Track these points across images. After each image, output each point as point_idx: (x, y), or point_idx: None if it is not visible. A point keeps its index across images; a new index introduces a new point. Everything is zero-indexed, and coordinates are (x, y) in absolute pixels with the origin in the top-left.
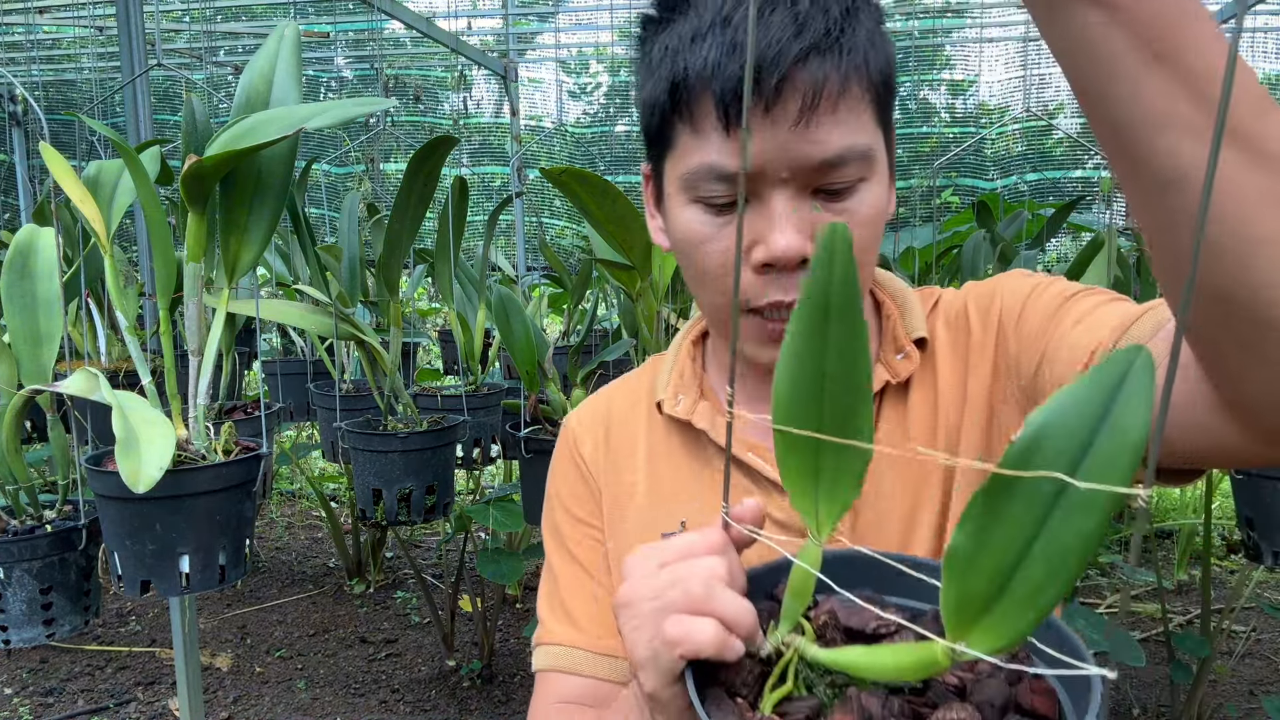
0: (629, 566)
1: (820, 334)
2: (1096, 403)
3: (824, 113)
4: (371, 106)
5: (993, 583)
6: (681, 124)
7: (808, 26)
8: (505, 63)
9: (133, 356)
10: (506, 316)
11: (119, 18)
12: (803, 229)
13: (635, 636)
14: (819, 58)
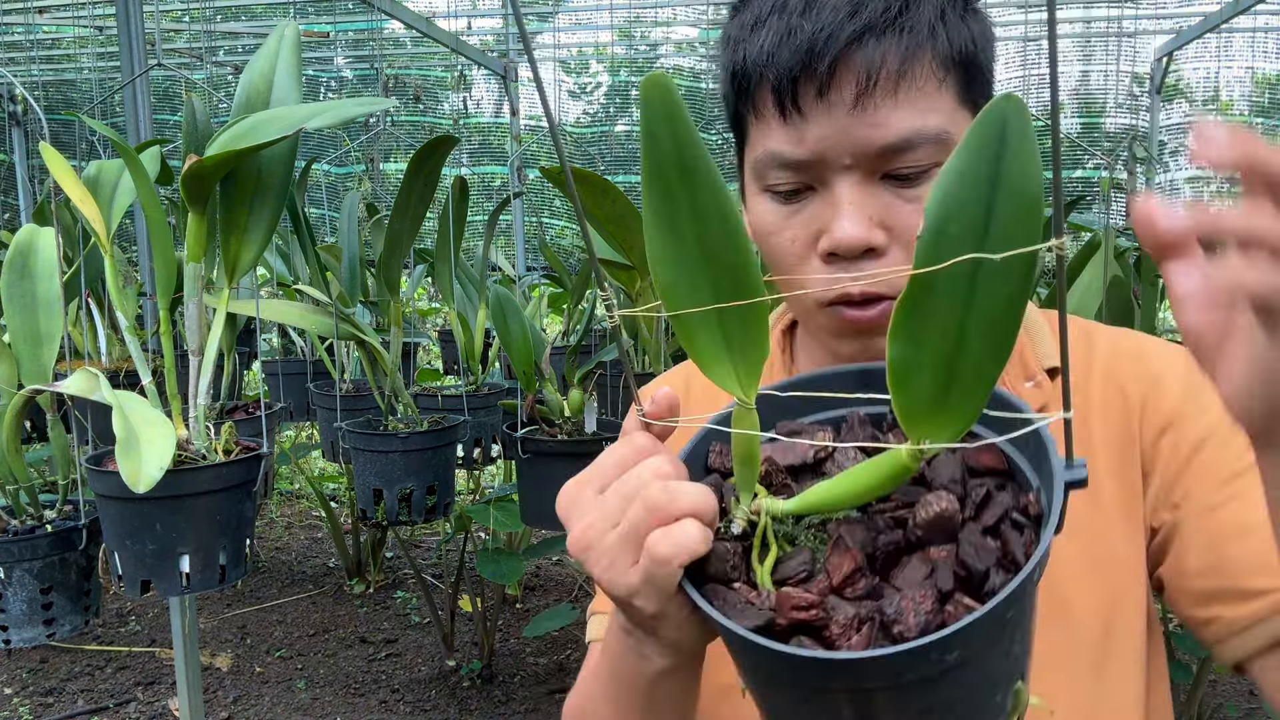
0: (566, 506)
1: (676, 200)
2: (983, 172)
3: (883, 95)
4: (371, 106)
5: (938, 376)
6: (746, 113)
7: (864, 7)
8: (505, 63)
9: (133, 356)
10: (504, 316)
11: (119, 17)
12: (867, 218)
13: (615, 570)
14: (875, 39)
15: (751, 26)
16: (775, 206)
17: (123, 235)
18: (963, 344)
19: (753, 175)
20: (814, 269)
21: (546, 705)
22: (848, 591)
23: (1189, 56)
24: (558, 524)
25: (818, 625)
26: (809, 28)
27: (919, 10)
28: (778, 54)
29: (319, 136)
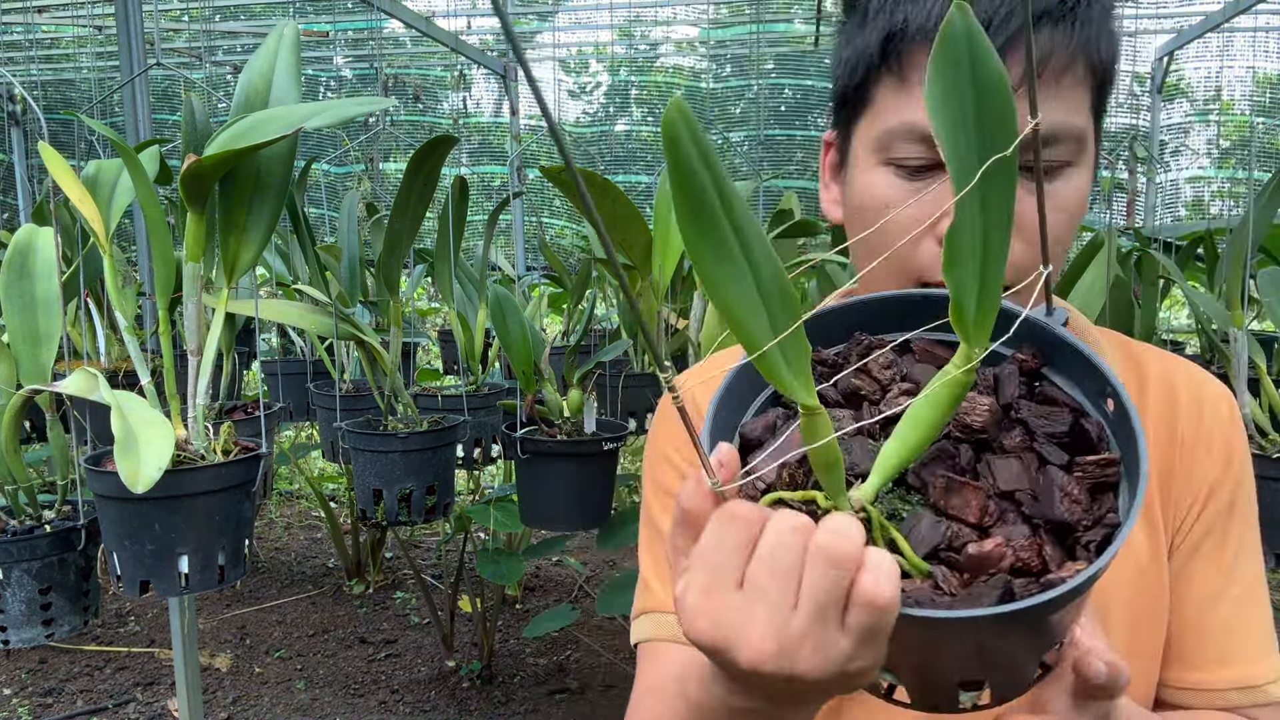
0: (722, 627)
1: (723, 231)
2: (965, 82)
3: (1045, 84)
4: (371, 106)
5: (976, 280)
6: (889, 78)
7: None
8: (505, 62)
9: (132, 356)
10: (503, 316)
11: (118, 17)
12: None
13: (823, 650)
14: (1050, 26)
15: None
16: (897, 181)
17: (122, 235)
18: (986, 246)
19: (875, 146)
20: (925, 250)
21: (546, 706)
22: (994, 523)
23: (1190, 56)
24: (556, 525)
25: (1031, 567)
26: (986, 1)
27: (1091, 11)
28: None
29: (318, 136)
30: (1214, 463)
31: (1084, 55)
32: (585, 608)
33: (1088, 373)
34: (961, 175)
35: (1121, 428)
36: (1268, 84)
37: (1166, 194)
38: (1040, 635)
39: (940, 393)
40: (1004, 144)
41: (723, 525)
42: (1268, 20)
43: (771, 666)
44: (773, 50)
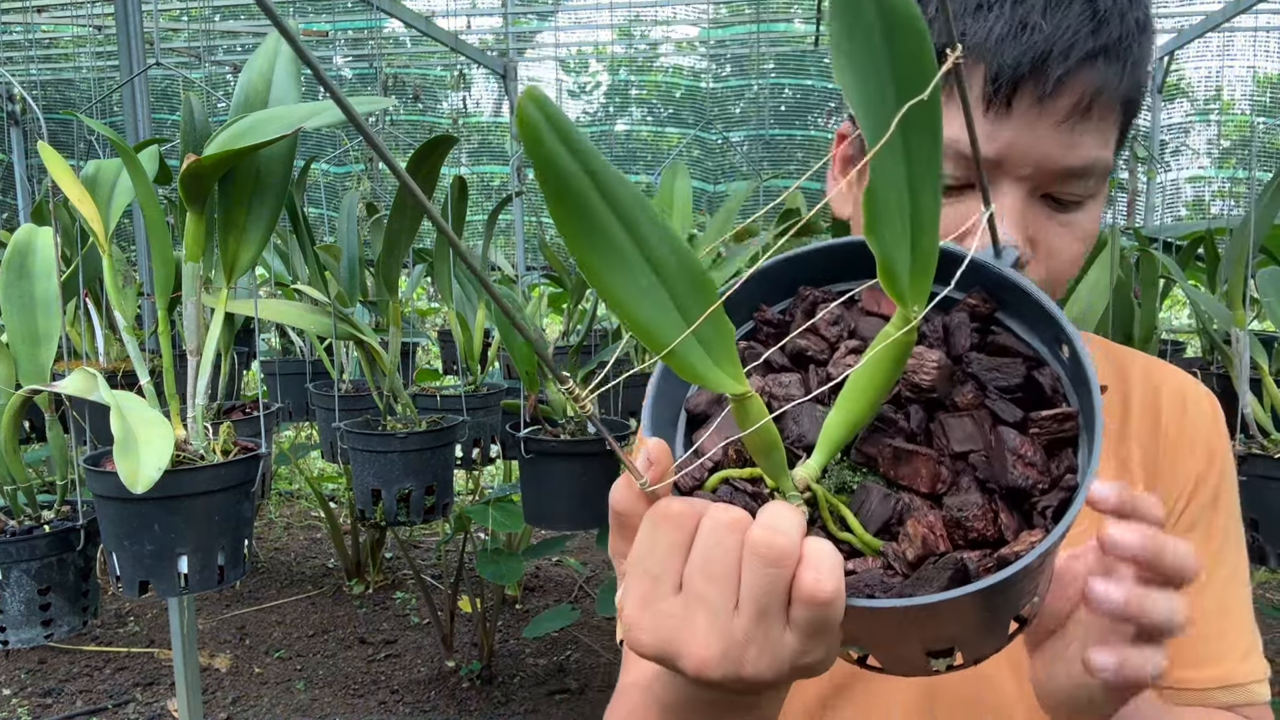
0: (661, 633)
1: (606, 224)
2: (873, 28)
3: (1092, 119)
4: (371, 105)
5: (905, 231)
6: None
7: (1105, 25)
8: (505, 62)
9: (131, 356)
10: None
11: (117, 17)
12: (1024, 231)
13: (769, 650)
14: (1106, 62)
15: (977, 8)
16: None
17: (121, 235)
18: (915, 199)
19: None
20: None
21: (546, 706)
22: (947, 490)
23: (1190, 55)
24: (559, 524)
25: (988, 538)
26: (1048, 29)
27: (1143, 47)
28: (1006, 44)
29: (318, 136)
30: (1197, 458)
31: (1125, 93)
32: (585, 608)
33: (1041, 318)
34: (876, 124)
35: (1078, 377)
36: (1268, 84)
37: (1167, 194)
38: (1004, 605)
39: (880, 356)
40: (920, 86)
41: (655, 527)
42: (1268, 20)
43: (718, 673)
44: (773, 50)
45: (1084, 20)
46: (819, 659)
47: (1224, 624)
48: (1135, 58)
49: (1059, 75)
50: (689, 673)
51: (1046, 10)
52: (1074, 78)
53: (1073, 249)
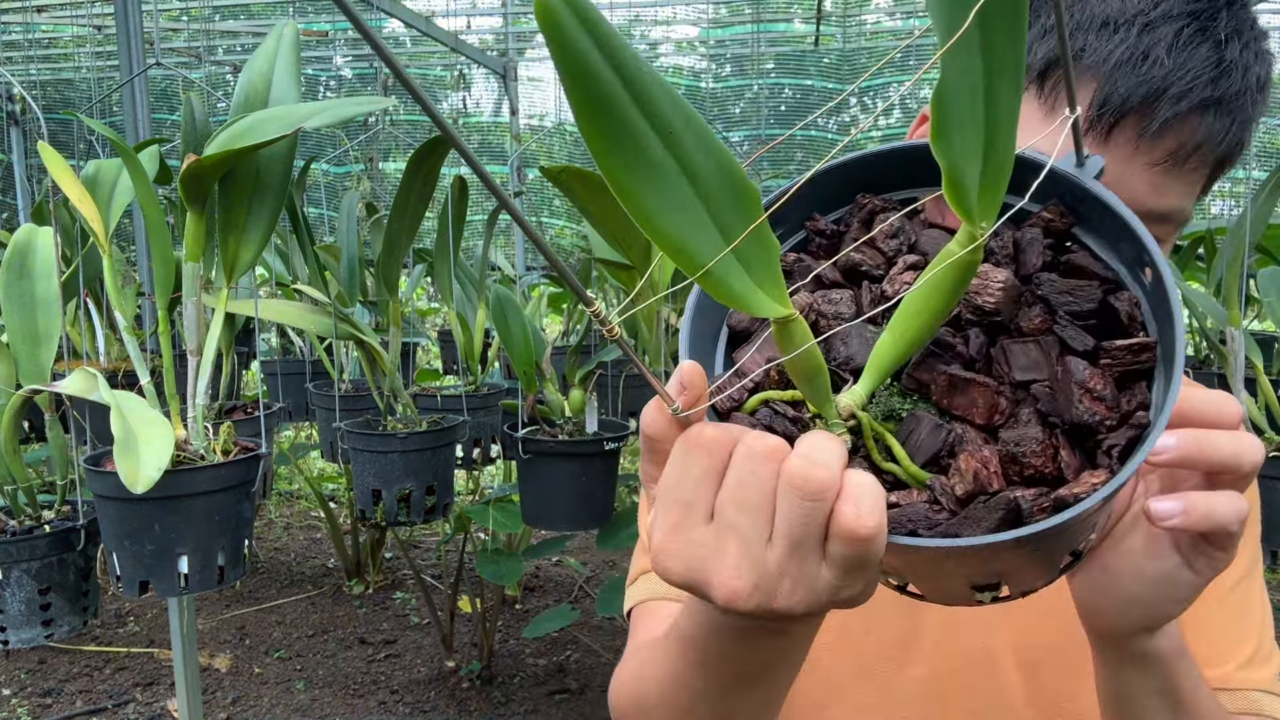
0: (691, 561)
1: (640, 130)
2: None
3: (1192, 167)
4: (370, 106)
5: (975, 153)
6: (1032, 101)
7: (1227, 77)
8: (505, 62)
9: (131, 356)
10: (504, 316)
11: (117, 16)
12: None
13: (804, 584)
14: (1216, 114)
15: (1102, 23)
16: None
17: (121, 235)
18: (991, 101)
19: None
20: None
21: (546, 706)
22: (1005, 422)
23: None
24: (557, 524)
25: (1046, 476)
26: (1169, 66)
27: (1257, 106)
28: (1123, 71)
29: (318, 136)
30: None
31: (1228, 150)
32: (585, 608)
33: (1123, 235)
34: (950, 11)
35: (1160, 305)
36: None
37: None
38: (1058, 546)
39: (941, 276)
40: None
41: (687, 454)
42: (1268, 20)
43: (749, 604)
44: (773, 50)
45: (1207, 66)
46: (856, 593)
47: (1240, 625)
48: (1246, 116)
49: (1167, 117)
50: (719, 602)
51: (1173, 47)
52: (1182, 123)
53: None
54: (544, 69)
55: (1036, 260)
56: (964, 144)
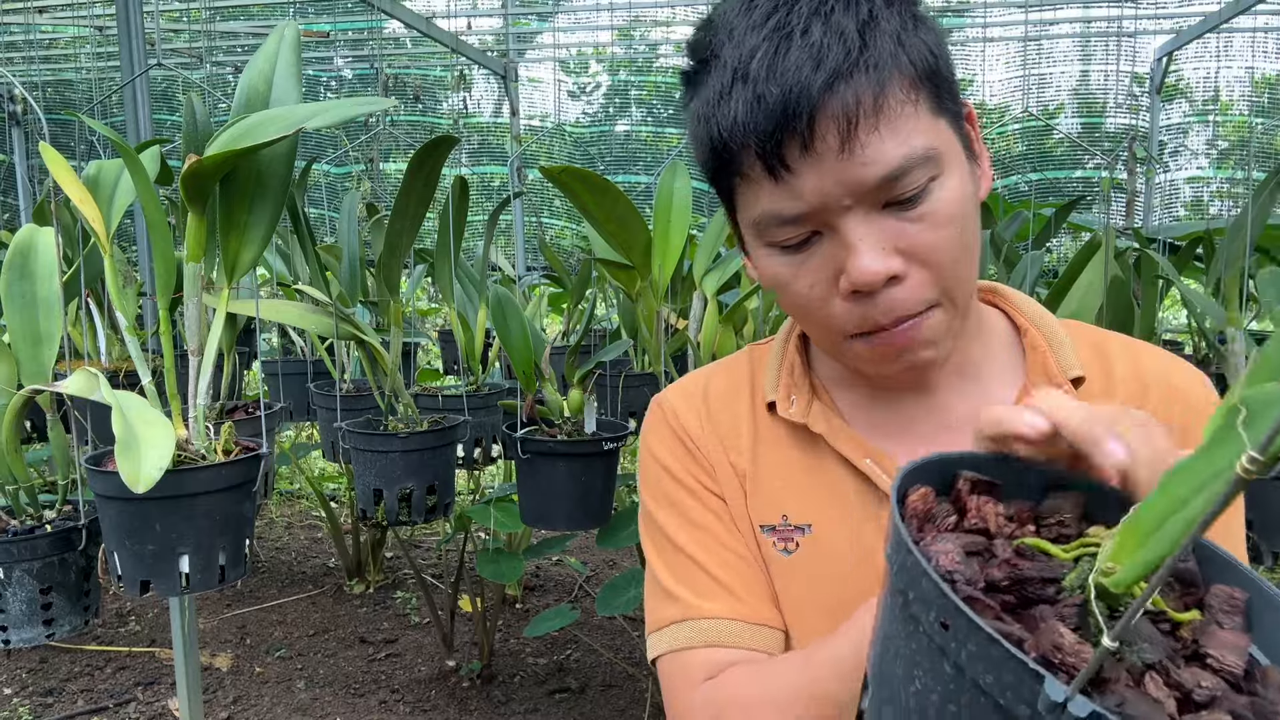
0: None
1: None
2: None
3: (865, 132)
4: (371, 106)
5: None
6: (733, 177)
7: (825, 56)
8: (505, 62)
9: (132, 356)
10: (504, 316)
11: (118, 17)
12: (881, 249)
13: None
14: (844, 82)
15: (718, 100)
16: (784, 259)
17: (122, 235)
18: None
19: (753, 233)
20: (837, 307)
21: (546, 705)
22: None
23: (1189, 56)
24: (556, 524)
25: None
26: (777, 90)
27: (877, 44)
28: (753, 120)
29: (318, 136)
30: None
31: (891, 88)
32: (585, 608)
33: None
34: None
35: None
36: (1266, 85)
37: (1165, 194)
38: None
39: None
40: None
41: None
42: (1266, 20)
43: None
44: None
45: (804, 65)
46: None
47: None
48: (875, 60)
49: (807, 121)
50: None
51: (769, 75)
52: (822, 114)
53: (941, 238)
54: (544, 70)
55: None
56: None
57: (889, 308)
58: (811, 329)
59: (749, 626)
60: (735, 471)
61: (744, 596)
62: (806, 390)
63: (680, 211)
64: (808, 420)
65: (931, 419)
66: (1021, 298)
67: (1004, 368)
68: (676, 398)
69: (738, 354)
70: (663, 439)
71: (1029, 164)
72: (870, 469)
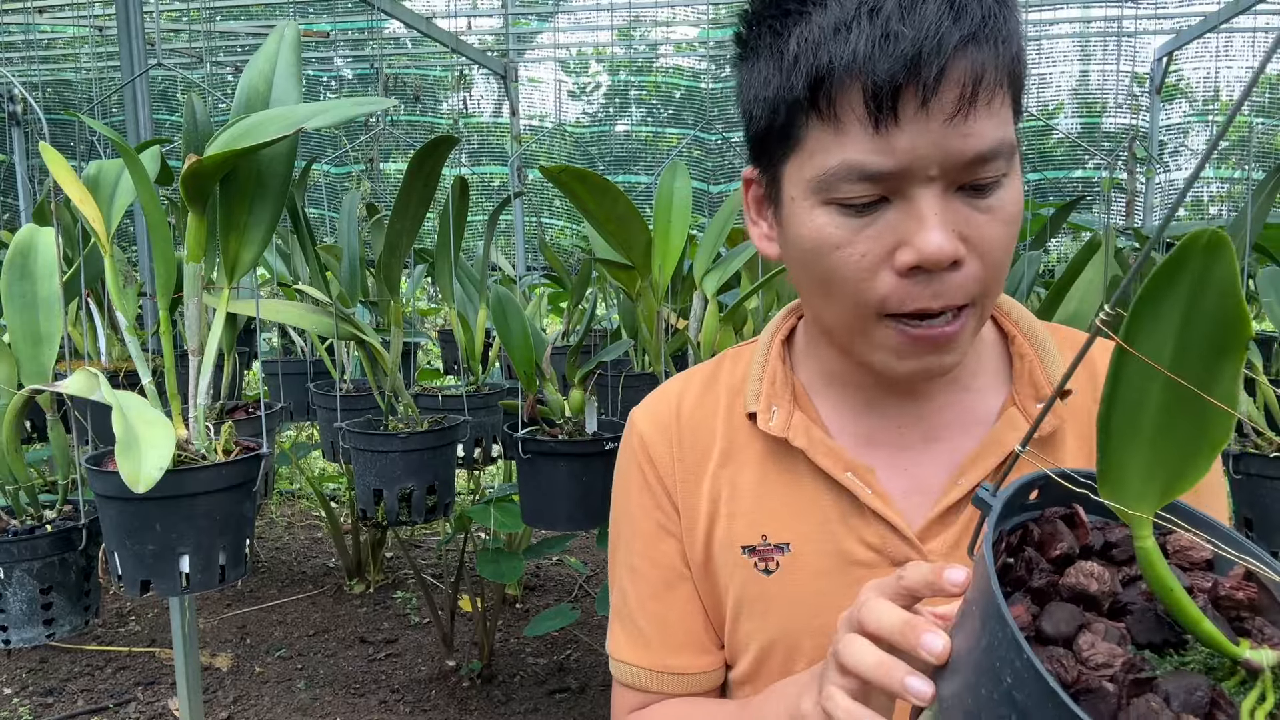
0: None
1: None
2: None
3: (980, 105)
4: (371, 106)
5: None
6: (819, 121)
7: (965, 13)
8: (505, 62)
9: (133, 356)
10: (504, 316)
11: (118, 17)
12: (953, 229)
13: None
14: (976, 47)
15: (835, 30)
16: (844, 220)
17: (122, 235)
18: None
19: (814, 188)
20: (885, 281)
21: (546, 705)
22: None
23: (1189, 56)
24: (556, 524)
25: None
26: (910, 33)
27: (1008, 21)
28: (875, 60)
29: (318, 136)
30: None
31: (1006, 70)
32: (585, 607)
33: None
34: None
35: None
36: (1267, 85)
37: (1165, 194)
38: None
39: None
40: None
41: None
42: (1267, 20)
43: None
44: None
45: (943, 15)
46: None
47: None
48: (1004, 34)
49: (935, 73)
50: None
51: (904, 16)
52: (951, 71)
53: (1001, 234)
54: (544, 70)
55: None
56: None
57: (940, 291)
58: (838, 305)
59: (654, 674)
60: (708, 498)
61: (655, 646)
62: (788, 399)
63: (680, 211)
64: (788, 434)
65: (918, 428)
66: (1010, 303)
67: (993, 378)
68: (647, 423)
69: (715, 360)
70: (629, 470)
71: (1029, 164)
72: (851, 482)
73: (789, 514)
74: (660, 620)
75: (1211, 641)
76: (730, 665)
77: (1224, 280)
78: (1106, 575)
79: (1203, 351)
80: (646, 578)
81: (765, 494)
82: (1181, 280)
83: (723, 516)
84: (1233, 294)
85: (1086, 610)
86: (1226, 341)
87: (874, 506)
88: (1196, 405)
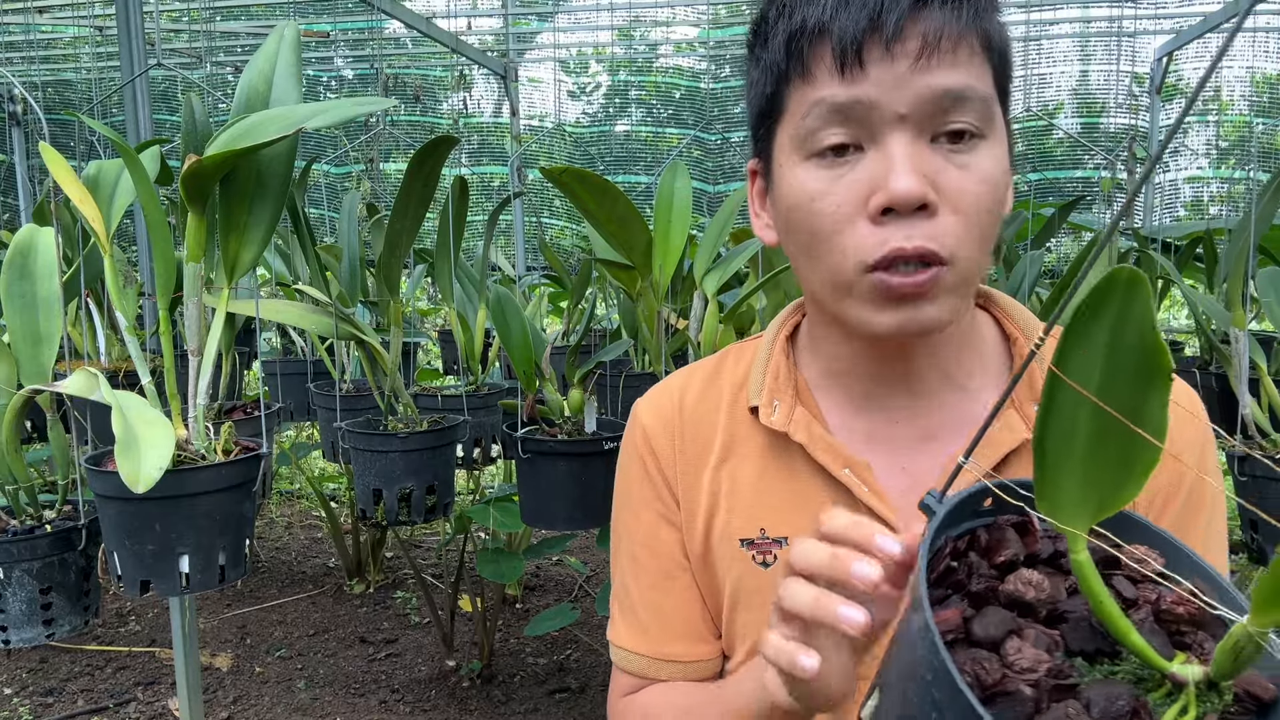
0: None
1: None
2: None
3: (944, 53)
4: (371, 106)
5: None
6: (796, 78)
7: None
8: (505, 62)
9: (132, 356)
10: (504, 316)
11: (118, 17)
12: (922, 173)
13: None
14: (938, 6)
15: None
16: (820, 171)
17: (122, 235)
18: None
19: (794, 145)
20: (860, 230)
21: (546, 705)
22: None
23: (1189, 56)
24: (556, 524)
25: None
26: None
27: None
28: (841, 14)
29: (318, 136)
30: (1165, 469)
31: (975, 30)
32: (585, 607)
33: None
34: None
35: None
36: (1266, 85)
37: (1165, 194)
38: None
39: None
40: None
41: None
42: (1267, 20)
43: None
44: None
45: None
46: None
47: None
48: (977, 5)
49: (896, 20)
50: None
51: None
52: (912, 21)
53: (977, 191)
54: (544, 70)
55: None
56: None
57: (912, 233)
58: (822, 264)
59: (652, 661)
60: (708, 491)
61: (654, 634)
62: (790, 394)
63: (680, 211)
64: (789, 429)
65: (916, 425)
66: (1012, 304)
67: (993, 378)
68: (650, 416)
69: (719, 355)
70: (631, 461)
71: (1029, 164)
72: (848, 479)
73: (787, 508)
74: (659, 609)
75: (1139, 653)
76: (727, 655)
77: (1142, 316)
78: (1046, 583)
79: (1129, 379)
80: (646, 567)
81: (765, 488)
82: (1105, 313)
83: (722, 509)
84: (1150, 329)
85: (1022, 617)
86: (1151, 370)
87: (870, 503)
88: (1125, 430)
